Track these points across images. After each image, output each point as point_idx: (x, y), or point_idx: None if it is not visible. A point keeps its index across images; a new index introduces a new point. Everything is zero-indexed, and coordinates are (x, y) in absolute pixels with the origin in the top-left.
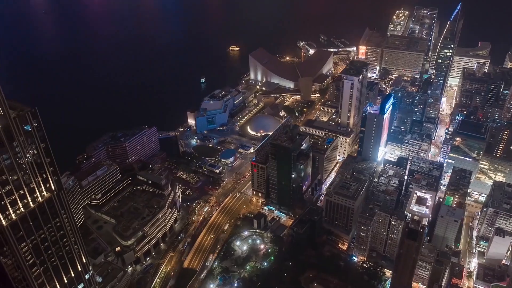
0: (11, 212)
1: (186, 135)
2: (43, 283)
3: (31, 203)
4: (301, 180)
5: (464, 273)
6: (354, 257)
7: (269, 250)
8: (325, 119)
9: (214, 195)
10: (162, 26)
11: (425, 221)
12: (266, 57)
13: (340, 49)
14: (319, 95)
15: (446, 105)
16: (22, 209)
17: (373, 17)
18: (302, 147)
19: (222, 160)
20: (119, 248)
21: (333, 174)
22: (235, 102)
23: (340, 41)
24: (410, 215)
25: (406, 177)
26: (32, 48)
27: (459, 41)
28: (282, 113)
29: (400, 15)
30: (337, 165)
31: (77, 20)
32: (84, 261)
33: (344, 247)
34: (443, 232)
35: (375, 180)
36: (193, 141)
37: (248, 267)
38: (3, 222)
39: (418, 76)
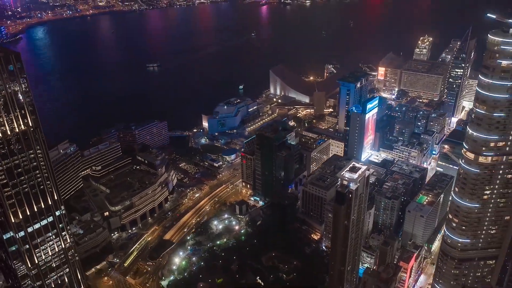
0: None
1: (198, 135)
2: (13, 205)
3: (8, 131)
4: (282, 171)
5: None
6: (323, 246)
7: (242, 231)
8: (327, 127)
9: (208, 185)
10: (216, 38)
11: (353, 187)
12: (285, 72)
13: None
14: (332, 110)
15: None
16: (0, 134)
17: (401, 43)
18: (292, 143)
19: (224, 156)
20: (107, 213)
21: None
22: (249, 110)
23: (367, 66)
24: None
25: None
26: (98, 55)
27: (473, 63)
28: (292, 123)
29: (425, 40)
30: None
31: (138, 36)
32: (56, 198)
33: (316, 238)
34: (411, 228)
35: None
36: (203, 140)
37: (218, 243)
38: None
39: (436, 99)
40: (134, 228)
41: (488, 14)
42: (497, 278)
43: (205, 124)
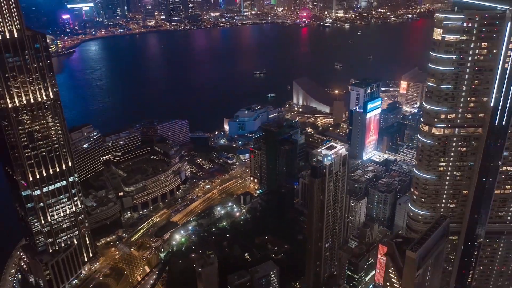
0: (16, 100)
1: (218, 136)
2: (32, 165)
3: (31, 100)
4: (284, 164)
5: None
6: None
7: (242, 217)
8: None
9: (219, 179)
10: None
11: (327, 162)
12: (308, 83)
13: (390, 88)
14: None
15: None
16: (24, 101)
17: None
18: (300, 142)
19: (239, 155)
20: (121, 193)
21: None
22: (270, 116)
23: (393, 82)
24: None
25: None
26: (145, 65)
27: None
28: (309, 129)
29: None
30: None
31: (183, 50)
32: (70, 165)
33: None
34: (402, 221)
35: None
36: (222, 141)
37: (218, 225)
38: (9, 104)
39: None
40: (145, 210)
41: None
42: (460, 255)
43: (226, 127)
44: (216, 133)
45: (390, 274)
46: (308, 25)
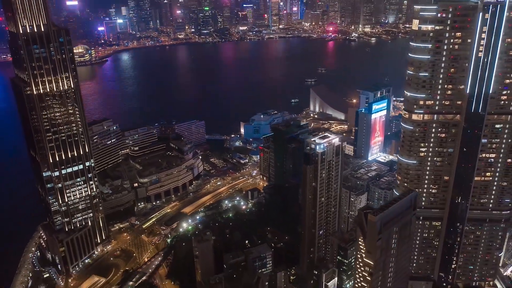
0: (40, 88)
1: (233, 139)
2: (52, 148)
3: (54, 88)
4: (291, 162)
5: None
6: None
7: (247, 210)
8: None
9: (231, 177)
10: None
11: (319, 150)
12: (325, 91)
13: None
14: None
15: None
16: (48, 89)
17: None
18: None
19: (251, 156)
20: (136, 184)
21: None
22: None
23: None
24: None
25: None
26: (173, 73)
27: None
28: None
29: None
30: None
31: (212, 60)
32: (87, 150)
33: None
34: None
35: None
36: (237, 143)
37: (224, 216)
38: (34, 91)
39: None
40: (158, 201)
41: None
42: (443, 241)
43: (242, 130)
44: (232, 136)
45: (359, 242)
46: (334, 39)
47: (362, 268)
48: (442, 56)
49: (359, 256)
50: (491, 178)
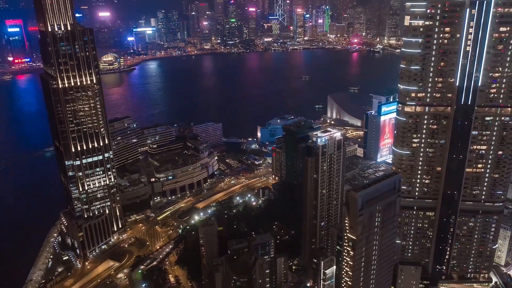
0: (65, 82)
1: (250, 142)
2: (74, 139)
3: (78, 83)
4: (302, 161)
5: None
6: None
7: (257, 206)
8: None
9: (245, 176)
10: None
11: (320, 143)
12: (342, 98)
13: None
14: None
15: None
16: (72, 84)
17: None
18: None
19: (266, 157)
20: (153, 179)
21: None
22: None
23: None
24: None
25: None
26: (198, 80)
27: None
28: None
29: None
30: None
31: (237, 70)
32: (106, 142)
33: None
34: None
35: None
36: (253, 146)
37: (234, 211)
38: (60, 85)
39: None
40: (173, 196)
41: None
42: (437, 231)
43: (259, 134)
44: (249, 139)
45: (345, 220)
46: (358, 51)
47: (346, 243)
48: (432, 50)
49: (345, 234)
50: (482, 170)
